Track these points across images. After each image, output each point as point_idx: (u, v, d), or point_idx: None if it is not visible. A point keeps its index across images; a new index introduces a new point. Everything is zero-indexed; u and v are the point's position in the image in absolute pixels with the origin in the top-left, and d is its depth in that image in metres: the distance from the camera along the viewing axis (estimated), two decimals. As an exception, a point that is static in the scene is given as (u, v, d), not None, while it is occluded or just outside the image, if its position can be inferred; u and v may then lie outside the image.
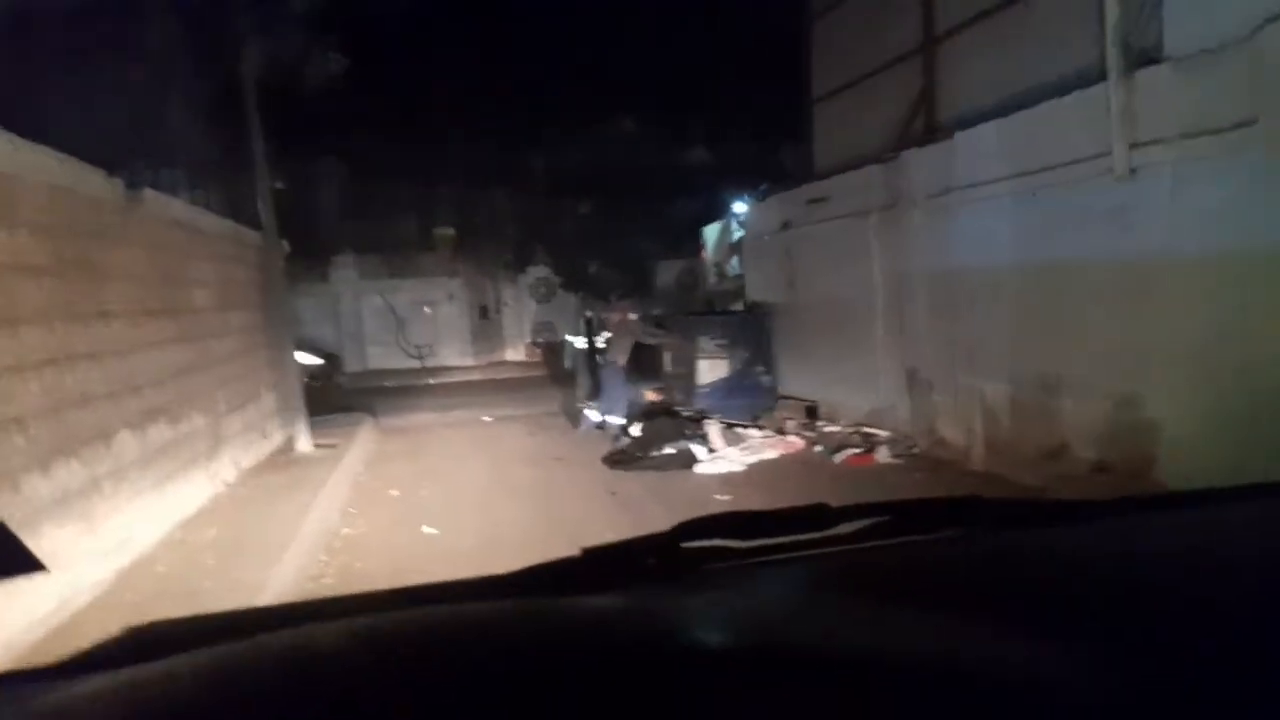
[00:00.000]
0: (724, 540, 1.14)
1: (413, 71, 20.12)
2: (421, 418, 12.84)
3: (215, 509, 6.73)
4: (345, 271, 19.84)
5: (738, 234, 16.03)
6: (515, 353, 21.66)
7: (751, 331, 11.22)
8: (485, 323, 21.19)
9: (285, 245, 10.71)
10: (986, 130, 7.19)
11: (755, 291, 12.74)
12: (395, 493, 7.86)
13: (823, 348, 10.29)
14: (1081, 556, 1.11)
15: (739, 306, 14.94)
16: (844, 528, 1.18)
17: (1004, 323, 7.06)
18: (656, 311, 13.20)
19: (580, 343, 11.65)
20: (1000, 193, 6.95)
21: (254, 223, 9.37)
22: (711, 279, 16.19)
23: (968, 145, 7.43)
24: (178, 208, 6.94)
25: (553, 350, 21.75)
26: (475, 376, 19.13)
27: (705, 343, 10.95)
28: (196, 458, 6.89)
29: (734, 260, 16.33)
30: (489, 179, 20.35)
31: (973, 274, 7.39)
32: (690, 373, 10.84)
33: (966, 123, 7.75)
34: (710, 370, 10.81)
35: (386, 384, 16.94)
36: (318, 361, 14.60)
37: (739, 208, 15.48)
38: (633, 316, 11.11)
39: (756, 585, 1.10)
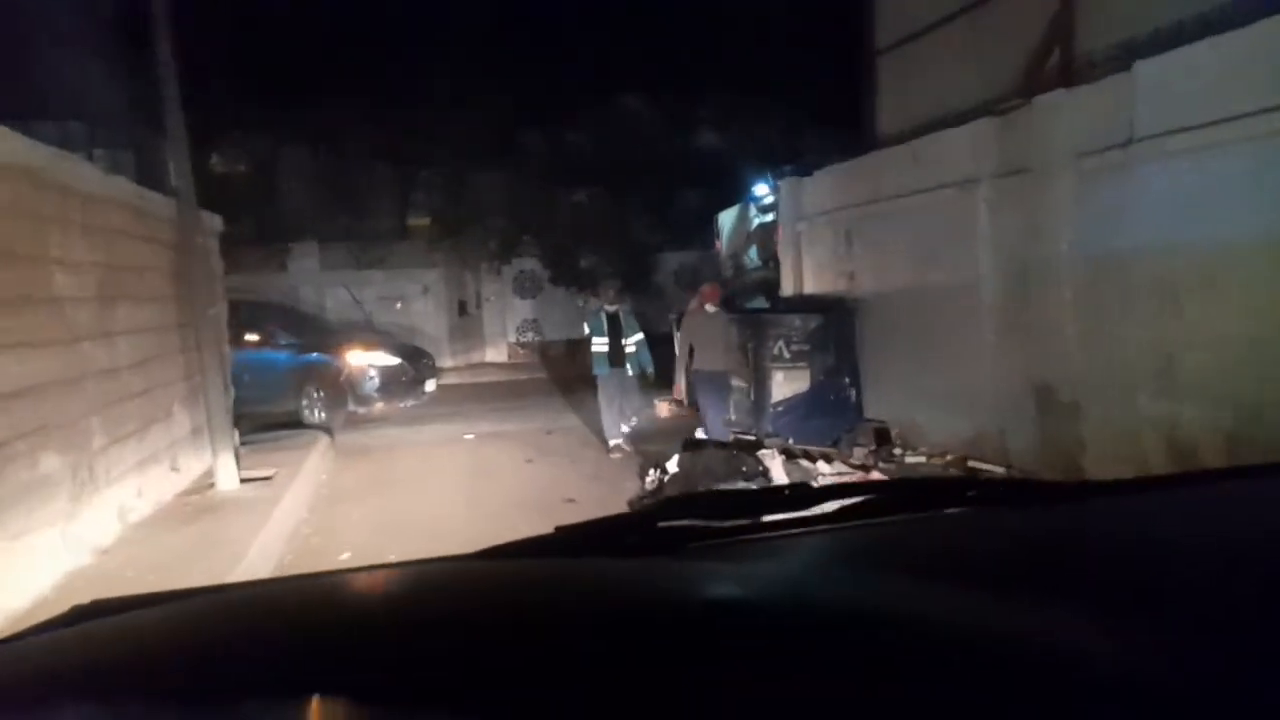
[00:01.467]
0: (703, 520, 1.11)
1: (388, 40, 17.83)
2: (389, 433, 10.61)
3: (67, 599, 4.49)
4: (305, 261, 17.49)
5: (757, 220, 13.88)
6: (497, 353, 19.40)
7: (836, 334, 8.88)
8: (464, 320, 18.90)
9: (217, 222, 8.42)
10: (1194, 53, 5.06)
11: (792, 285, 10.59)
12: (346, 555, 5.65)
13: (900, 355, 8.15)
14: (1078, 531, 1.10)
15: (760, 302, 12.88)
16: (826, 507, 1.16)
17: (1228, 324, 4.93)
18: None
19: (600, 344, 9.44)
20: (1227, 139, 4.82)
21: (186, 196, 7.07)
22: (728, 272, 14.01)
23: (1157, 77, 5.30)
24: (19, 147, 4.65)
25: (547, 350, 19.55)
26: (453, 380, 16.85)
27: (780, 349, 8.70)
28: (46, 517, 4.62)
29: (752, 251, 14.18)
30: (472, 161, 18.04)
31: (1168, 255, 5.26)
32: (759, 386, 8.66)
33: (1140, 50, 5.63)
34: (786, 384, 8.62)
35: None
36: (392, 362, 11.89)
37: (761, 190, 13.32)
38: (711, 309, 8.73)
39: (740, 559, 1.05)
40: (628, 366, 8.99)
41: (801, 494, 1.16)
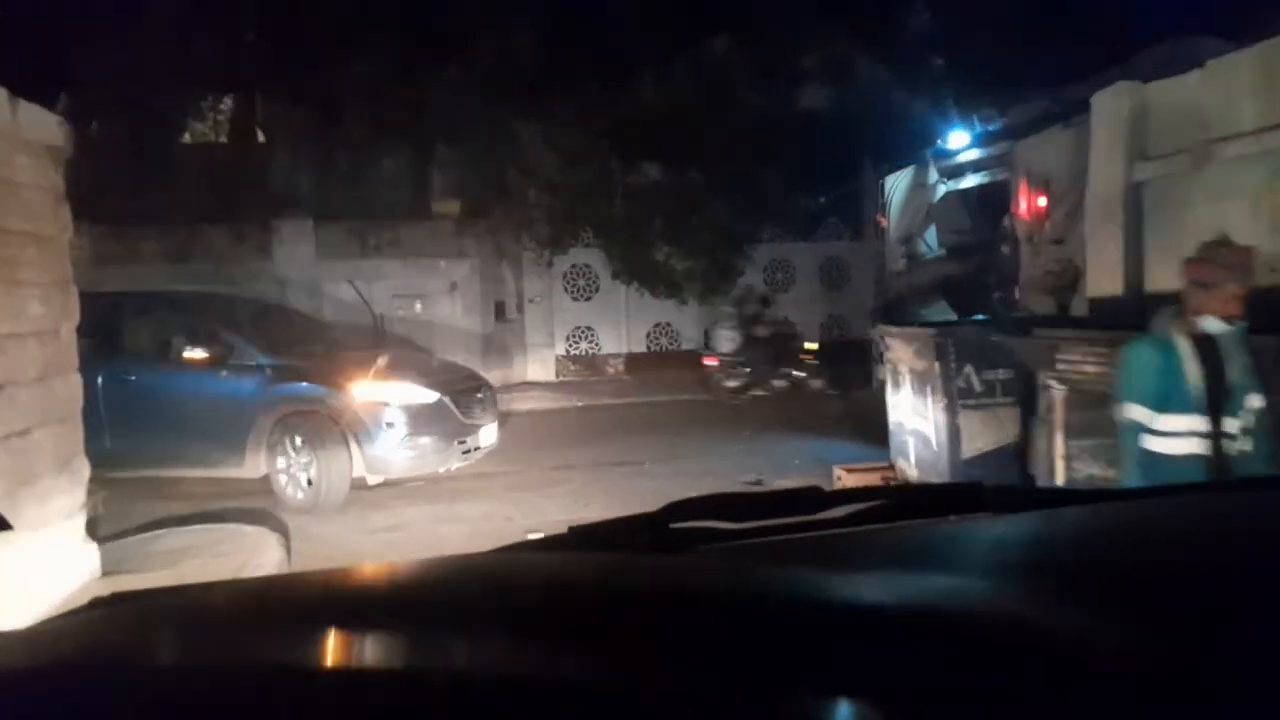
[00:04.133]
0: (715, 522, 1.11)
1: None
2: (397, 514, 6.50)
3: None
4: (298, 245, 13.33)
5: (942, 187, 9.65)
6: (542, 369, 15.18)
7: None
8: (502, 326, 14.70)
9: (44, 122, 4.25)
10: None
11: (1121, 276, 6.36)
12: None
13: None
14: (1092, 533, 1.13)
15: (941, 311, 8.82)
16: (838, 511, 1.17)
17: None
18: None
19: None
20: None
21: None
22: (896, 263, 9.76)
23: None
24: None
25: (603, 366, 15.29)
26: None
27: None
28: None
29: (930, 233, 9.94)
30: (516, 125, 13.86)
31: None
32: None
33: None
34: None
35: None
36: (426, 398, 7.41)
37: (957, 139, 9.09)
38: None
39: (751, 560, 1.07)
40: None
41: (813, 497, 1.17)
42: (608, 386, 14.57)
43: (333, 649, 0.72)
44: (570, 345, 15.54)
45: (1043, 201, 7.55)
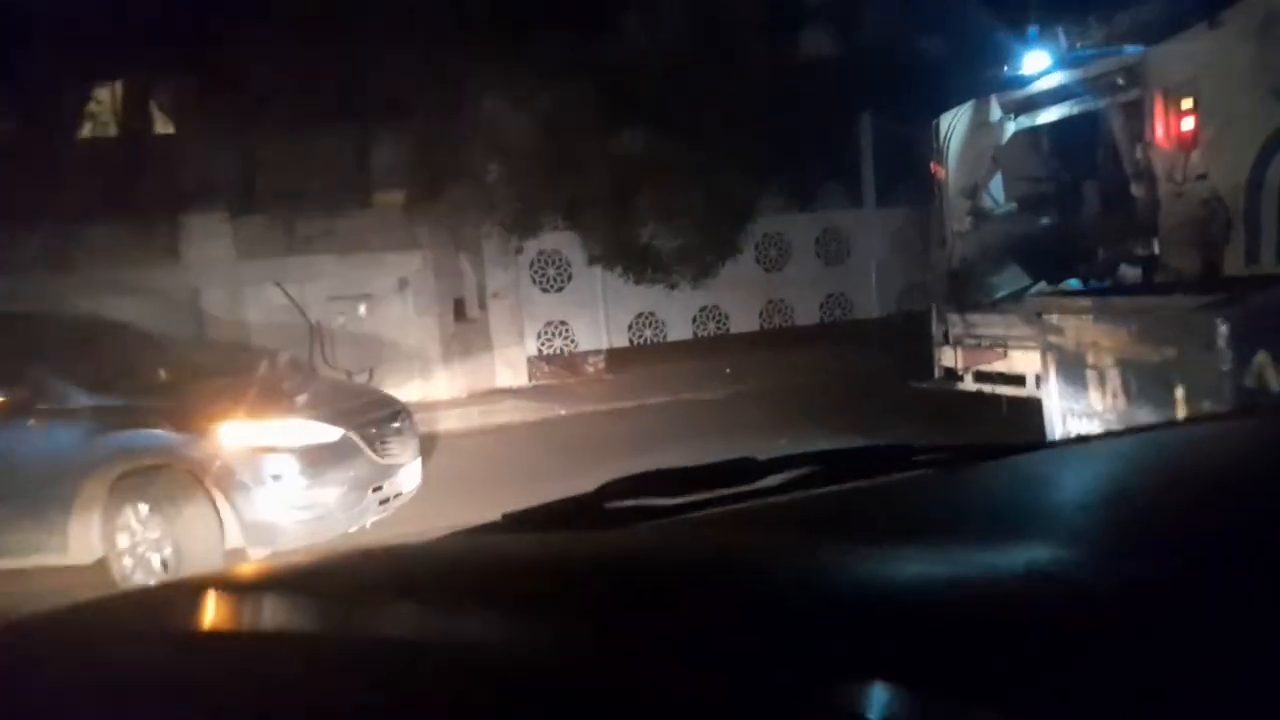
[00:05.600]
0: (649, 499, 1.11)
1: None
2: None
3: None
4: (211, 244, 11.06)
5: (1009, 128, 7.79)
6: (513, 373, 13.06)
7: None
8: (464, 326, 12.54)
9: None
10: None
11: None
12: None
13: None
14: (1012, 486, 1.16)
15: (1011, 276, 7.16)
16: (773, 480, 1.17)
17: None
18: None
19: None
20: None
21: None
22: (960, 221, 7.85)
23: None
24: None
25: (580, 367, 13.19)
26: (457, 424, 10.54)
27: None
28: None
29: (996, 182, 8.07)
30: (471, 91, 11.72)
31: None
32: None
33: None
34: None
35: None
36: (323, 437, 5.46)
37: (1034, 62, 7.22)
38: None
39: (688, 533, 1.06)
40: None
41: (748, 467, 1.17)
42: (590, 389, 12.54)
43: (267, 639, 0.69)
44: (543, 344, 13.45)
45: (1189, 124, 5.70)
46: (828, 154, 14.02)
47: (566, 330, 13.54)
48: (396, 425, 6.09)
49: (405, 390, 11.51)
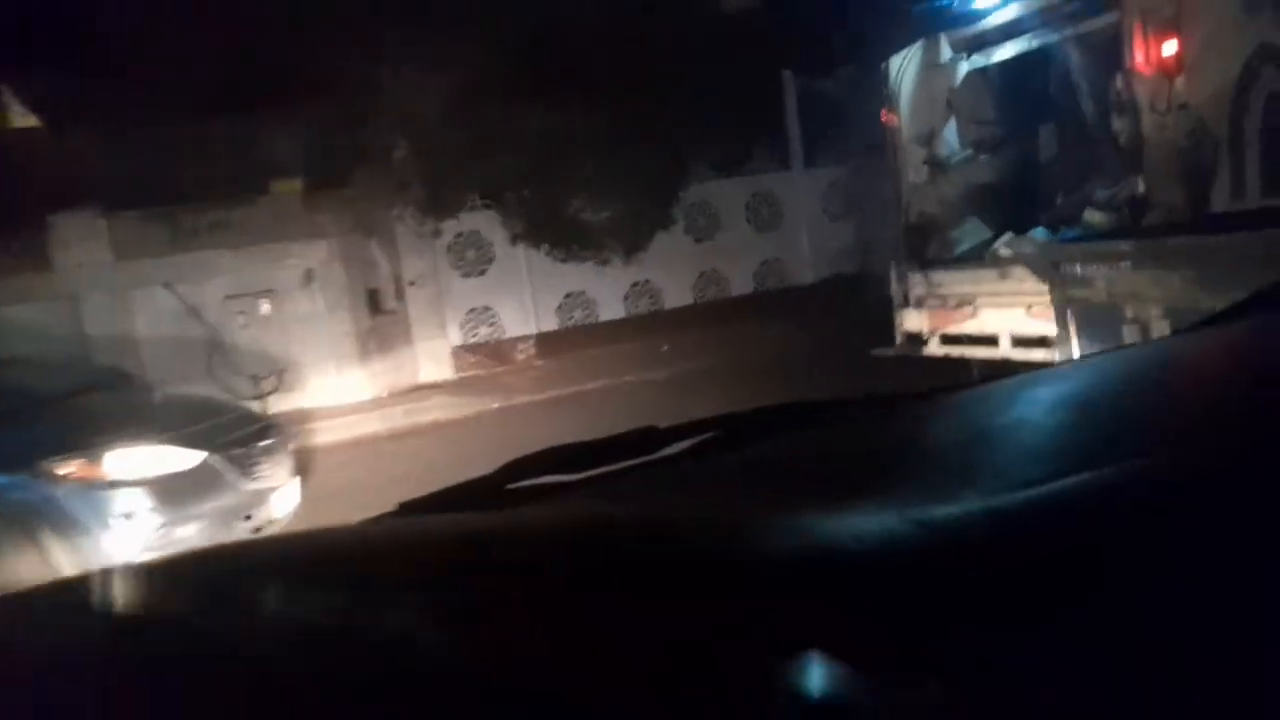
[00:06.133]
0: (552, 476, 1.10)
1: None
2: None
3: None
4: (86, 246, 9.89)
5: (961, 68, 7.27)
6: (437, 366, 12.17)
7: None
8: (381, 319, 11.58)
9: None
10: None
11: None
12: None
13: None
14: (902, 434, 1.15)
15: (971, 228, 6.72)
16: (678, 447, 1.16)
17: None
18: None
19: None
20: None
21: None
22: (917, 172, 7.29)
23: None
24: None
25: (509, 354, 12.32)
26: (378, 427, 9.66)
27: None
28: None
29: (950, 128, 7.56)
30: (372, 59, 10.71)
31: None
32: None
33: None
34: None
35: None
36: (182, 463, 4.66)
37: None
38: None
39: (586, 503, 1.06)
40: None
41: (650, 437, 1.15)
42: (521, 378, 11.76)
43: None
44: (467, 332, 12.58)
45: (1172, 47, 5.20)
46: (751, 114, 13.40)
47: (492, 316, 12.69)
48: (266, 443, 5.34)
49: (320, 393, 10.62)
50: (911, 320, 7.11)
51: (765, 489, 0.96)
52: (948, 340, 6.78)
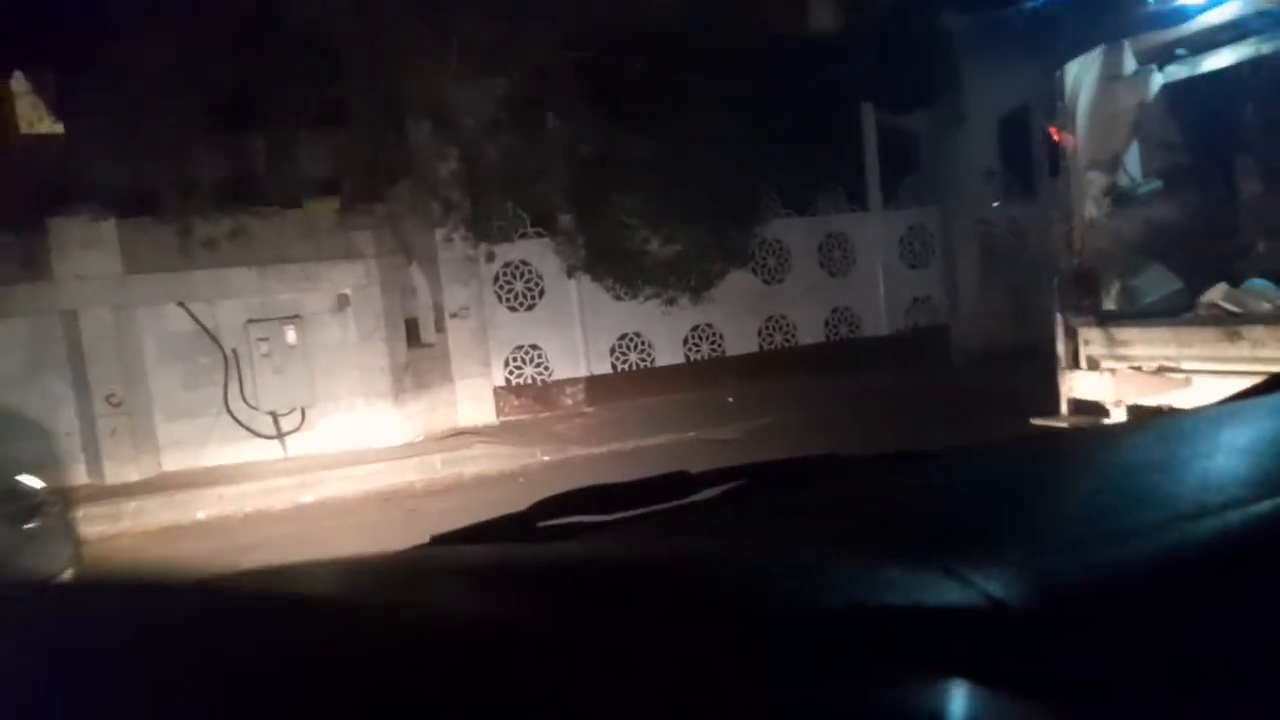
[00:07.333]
0: (584, 516, 1.11)
1: None
2: None
3: None
4: (92, 254, 8.65)
5: (1155, 82, 6.00)
6: (477, 407, 10.83)
7: None
8: (419, 353, 10.29)
9: None
10: None
11: None
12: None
13: None
14: (923, 490, 1.14)
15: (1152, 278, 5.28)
16: (710, 493, 1.17)
17: None
18: None
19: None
20: None
21: None
22: (1097, 204, 5.98)
23: None
24: None
25: (554, 398, 10.95)
26: (415, 476, 8.33)
27: None
28: None
29: (1132, 155, 6.28)
30: (422, 68, 9.57)
31: None
32: None
33: None
34: None
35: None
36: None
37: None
38: None
39: (614, 542, 1.07)
40: None
41: (681, 481, 1.16)
42: (572, 427, 10.44)
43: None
44: (511, 372, 11.30)
45: None
46: (827, 148, 12.19)
47: (539, 355, 11.41)
48: (35, 526, 4.44)
49: (348, 434, 9.32)
50: (1086, 385, 5.78)
51: (792, 535, 0.97)
52: (1140, 413, 5.44)
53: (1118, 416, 5.56)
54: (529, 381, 11.30)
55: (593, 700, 0.53)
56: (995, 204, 13.35)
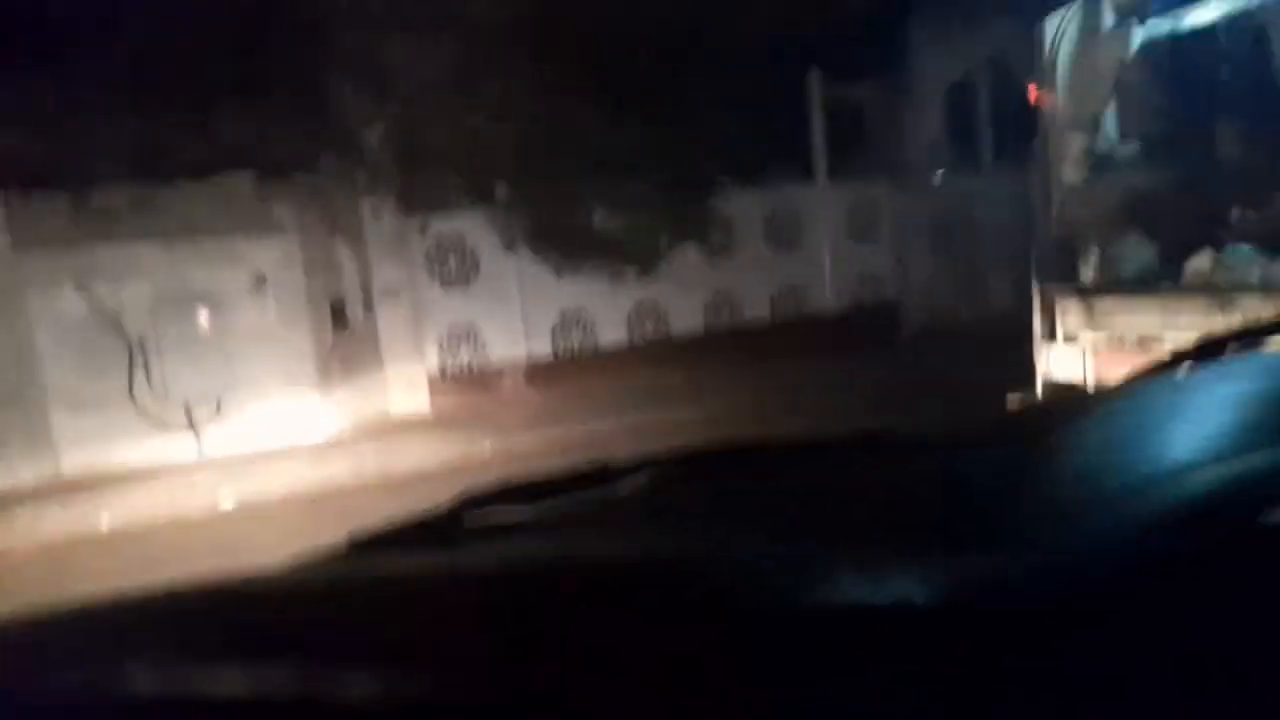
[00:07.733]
0: (508, 510, 1.08)
1: None
2: None
3: None
4: (-27, 230, 7.78)
5: (1136, 37, 5.66)
6: (411, 394, 10.16)
7: None
8: (345, 336, 9.58)
9: None
10: None
11: None
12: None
13: None
14: (835, 479, 1.14)
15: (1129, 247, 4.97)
16: (635, 480, 1.15)
17: None
18: None
19: None
20: None
21: None
22: (1076, 169, 5.62)
23: None
24: None
25: (494, 382, 10.31)
26: (343, 474, 7.67)
27: None
28: None
29: (1109, 115, 5.95)
30: (347, 23, 8.82)
31: None
32: None
33: None
34: None
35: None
36: None
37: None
38: None
39: (536, 536, 1.04)
40: None
41: (605, 472, 1.14)
42: (514, 413, 9.86)
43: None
44: (447, 355, 10.66)
45: None
46: (774, 117, 11.76)
47: (475, 336, 10.79)
48: None
49: (269, 426, 8.61)
50: (1065, 360, 5.44)
51: (714, 524, 0.94)
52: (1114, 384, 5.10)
53: (1094, 388, 5.26)
54: (465, 364, 10.68)
55: (584, 701, 0.52)
56: (939, 171, 13.10)
